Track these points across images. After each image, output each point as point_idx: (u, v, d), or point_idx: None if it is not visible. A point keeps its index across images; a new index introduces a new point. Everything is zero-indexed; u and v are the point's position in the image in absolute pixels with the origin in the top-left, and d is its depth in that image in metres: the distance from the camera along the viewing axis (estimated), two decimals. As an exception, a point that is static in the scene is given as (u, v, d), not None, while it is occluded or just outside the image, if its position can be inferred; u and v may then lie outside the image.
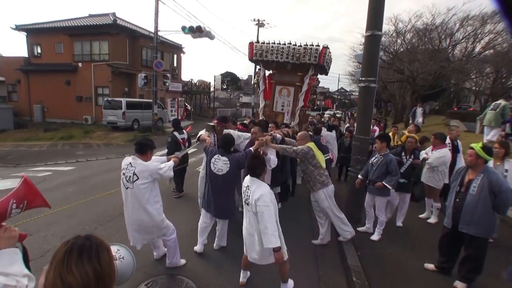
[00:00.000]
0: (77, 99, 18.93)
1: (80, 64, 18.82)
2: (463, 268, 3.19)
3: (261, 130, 4.39)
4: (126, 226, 3.21)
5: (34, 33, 20.02)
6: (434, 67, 14.71)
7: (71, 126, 17.24)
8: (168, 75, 18.05)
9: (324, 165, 3.99)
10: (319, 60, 6.00)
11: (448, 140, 5.25)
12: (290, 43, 6.23)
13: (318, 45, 6.04)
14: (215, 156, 3.63)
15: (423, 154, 5.04)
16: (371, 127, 7.30)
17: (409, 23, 15.94)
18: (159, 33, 15.57)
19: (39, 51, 20.33)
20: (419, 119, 12.60)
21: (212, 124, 4.44)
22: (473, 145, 3.18)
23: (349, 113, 25.49)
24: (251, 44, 6.59)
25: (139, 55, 20.11)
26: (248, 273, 3.25)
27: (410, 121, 12.32)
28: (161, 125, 17.69)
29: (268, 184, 2.92)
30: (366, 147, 5.02)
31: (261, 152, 3.82)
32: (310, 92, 6.68)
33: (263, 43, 6.50)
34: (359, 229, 4.57)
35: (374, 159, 4.47)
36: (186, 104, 25.91)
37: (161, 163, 3.18)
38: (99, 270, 0.90)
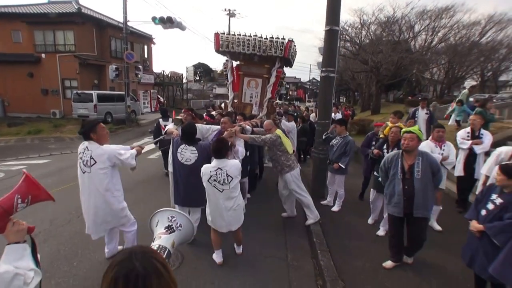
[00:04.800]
0: (42, 92, 18.10)
1: (43, 55, 17.90)
2: (413, 248, 3.30)
3: (231, 120, 4.57)
4: (83, 214, 3.10)
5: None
6: (395, 58, 15.87)
7: (37, 120, 16.56)
8: (140, 66, 17.79)
9: (291, 150, 4.37)
10: (284, 53, 6.15)
11: (468, 130, 4.85)
12: (256, 35, 6.26)
13: (284, 39, 6.18)
14: (182, 146, 3.60)
15: (436, 154, 4.02)
16: (333, 114, 7.97)
17: (373, 15, 16.98)
18: (128, 23, 15.30)
19: (-8, 39, 18.95)
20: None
21: (179, 117, 4.48)
22: (411, 128, 3.14)
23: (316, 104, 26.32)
24: (216, 34, 6.46)
25: (108, 46, 19.54)
26: (221, 251, 3.42)
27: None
28: (135, 117, 17.55)
29: None
30: (327, 131, 5.59)
31: (230, 143, 3.88)
32: (278, 84, 6.86)
33: (229, 34, 6.49)
34: (322, 202, 5.25)
35: (334, 141, 5.07)
36: (159, 96, 25.62)
37: (123, 150, 3.07)
38: None
